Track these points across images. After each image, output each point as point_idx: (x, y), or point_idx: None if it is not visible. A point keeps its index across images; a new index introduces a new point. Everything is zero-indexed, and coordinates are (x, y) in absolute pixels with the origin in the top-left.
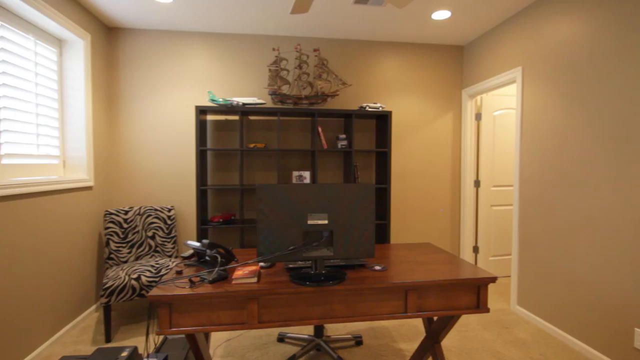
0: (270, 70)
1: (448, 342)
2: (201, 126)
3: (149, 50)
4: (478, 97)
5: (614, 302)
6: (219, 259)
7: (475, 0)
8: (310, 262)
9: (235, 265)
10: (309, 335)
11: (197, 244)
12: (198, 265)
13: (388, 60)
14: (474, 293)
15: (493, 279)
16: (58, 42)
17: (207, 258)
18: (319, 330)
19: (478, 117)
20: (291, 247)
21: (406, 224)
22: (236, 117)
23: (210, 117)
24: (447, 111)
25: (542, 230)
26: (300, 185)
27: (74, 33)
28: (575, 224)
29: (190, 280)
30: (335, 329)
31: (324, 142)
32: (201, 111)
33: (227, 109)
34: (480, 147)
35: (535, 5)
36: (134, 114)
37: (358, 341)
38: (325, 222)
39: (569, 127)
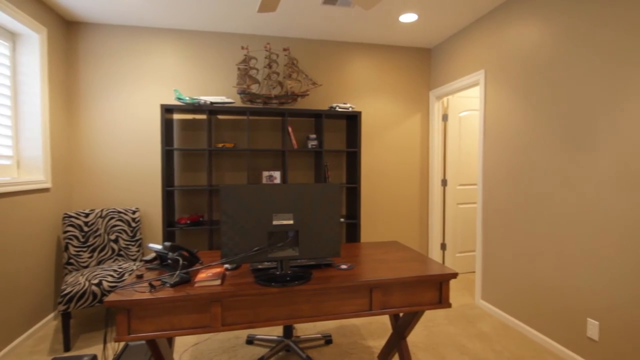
0: (239, 69)
1: (415, 338)
2: (167, 125)
3: (112, 46)
4: (445, 99)
5: (569, 294)
6: (181, 261)
7: (441, 5)
8: (276, 262)
9: (199, 267)
10: (278, 336)
11: (159, 247)
12: (161, 269)
13: (358, 61)
14: (436, 289)
15: (454, 275)
16: (11, 36)
17: (169, 261)
18: (288, 331)
19: (445, 118)
20: (256, 248)
21: (377, 222)
22: (204, 117)
23: (177, 116)
24: (415, 112)
25: (504, 227)
26: (264, 186)
27: (28, 27)
28: (533, 221)
29: (151, 284)
30: (306, 329)
31: (294, 142)
32: (167, 110)
33: (194, 107)
34: (447, 147)
35: (496, 11)
36: (96, 112)
37: (328, 340)
38: (291, 222)
39: (527, 129)
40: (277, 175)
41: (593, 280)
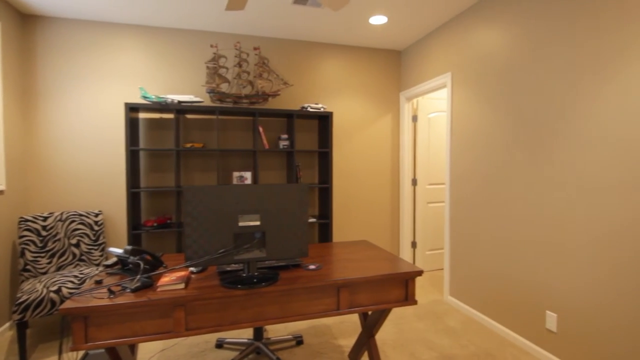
0: (208, 67)
1: (385, 335)
2: (133, 125)
3: (73, 41)
4: (414, 100)
5: (530, 289)
6: (142, 265)
7: (409, 9)
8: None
9: (161, 271)
10: (248, 339)
11: (120, 251)
12: (122, 274)
13: (330, 61)
14: (402, 287)
15: (419, 273)
16: None
17: (131, 266)
18: (258, 333)
19: (414, 119)
20: (221, 251)
21: (349, 222)
22: (171, 116)
23: (143, 115)
24: (386, 113)
25: (470, 225)
26: (230, 187)
27: None
28: (497, 219)
29: (110, 290)
30: (277, 330)
31: (265, 142)
32: (132, 109)
33: (161, 106)
34: (417, 147)
35: (461, 16)
36: (56, 110)
37: (299, 341)
38: (257, 223)
39: (491, 131)
40: (248, 175)
41: (551, 275)
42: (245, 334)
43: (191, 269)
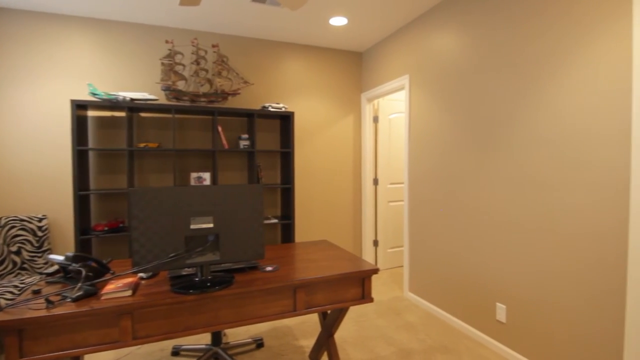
0: (163, 64)
1: (346, 333)
2: (81, 123)
3: (15, 33)
4: (375, 101)
5: (482, 282)
6: (84, 272)
7: (369, 11)
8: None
9: (106, 278)
10: (206, 345)
11: (61, 258)
12: (64, 282)
13: (291, 61)
14: (359, 285)
15: (375, 271)
16: None
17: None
18: (216, 338)
19: (376, 119)
20: (172, 255)
21: (312, 222)
22: (123, 114)
23: (92, 113)
24: (348, 113)
25: (428, 223)
26: (181, 188)
27: None
28: (452, 217)
29: (47, 300)
30: (237, 334)
31: (224, 142)
32: (80, 106)
33: (112, 104)
34: (378, 147)
35: (419, 20)
36: None
37: (259, 344)
38: (211, 225)
39: (445, 132)
40: (206, 176)
41: (501, 269)
42: (203, 340)
43: (141, 274)
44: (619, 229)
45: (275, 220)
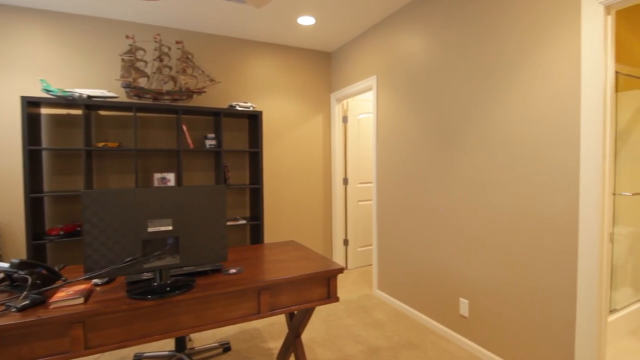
0: (123, 59)
1: (315, 333)
2: (33, 121)
3: None
4: (345, 101)
5: (446, 278)
6: (30, 280)
7: (336, 11)
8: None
9: (56, 286)
10: (170, 351)
11: (6, 265)
12: (11, 291)
13: (260, 60)
14: (324, 285)
15: (340, 270)
16: None
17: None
18: (181, 343)
19: (345, 119)
20: (128, 259)
21: (281, 222)
22: (80, 112)
23: (46, 111)
24: (317, 113)
25: (395, 222)
26: (137, 190)
27: None
28: (418, 215)
29: None
30: (204, 339)
31: (189, 141)
32: (32, 103)
33: (67, 101)
34: (347, 147)
35: (386, 21)
36: None
37: (226, 348)
38: (170, 228)
39: (412, 132)
40: (171, 177)
41: (463, 264)
42: (168, 346)
43: (95, 281)
44: (570, 224)
45: (244, 222)
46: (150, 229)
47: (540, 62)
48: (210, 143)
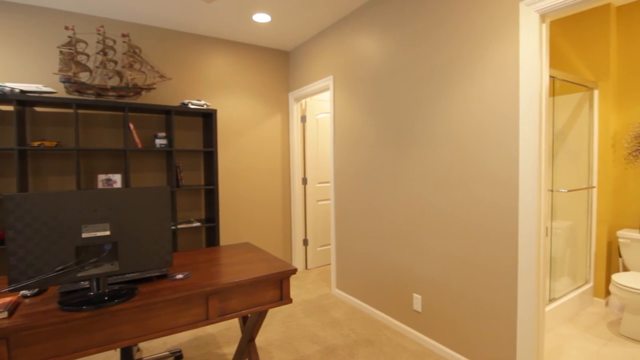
0: (62, 52)
1: (272, 335)
2: None
3: None
4: (303, 101)
5: (401, 275)
6: None
7: (292, 9)
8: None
9: None
10: None
11: None
12: None
13: (215, 57)
14: (277, 287)
15: (293, 271)
16: None
17: None
18: (127, 354)
19: (303, 119)
20: (59, 268)
21: (239, 224)
22: (11, 108)
23: None
24: (275, 112)
25: (352, 221)
26: (69, 193)
27: None
28: (373, 214)
29: None
30: (154, 348)
31: (137, 140)
32: None
33: None
34: (306, 147)
35: (342, 22)
36: None
37: (177, 356)
38: (107, 233)
39: (366, 132)
40: (117, 178)
41: (415, 261)
42: (114, 357)
43: (24, 292)
44: (511, 221)
45: (199, 224)
46: (84, 235)
47: (486, 68)
48: (160, 142)
